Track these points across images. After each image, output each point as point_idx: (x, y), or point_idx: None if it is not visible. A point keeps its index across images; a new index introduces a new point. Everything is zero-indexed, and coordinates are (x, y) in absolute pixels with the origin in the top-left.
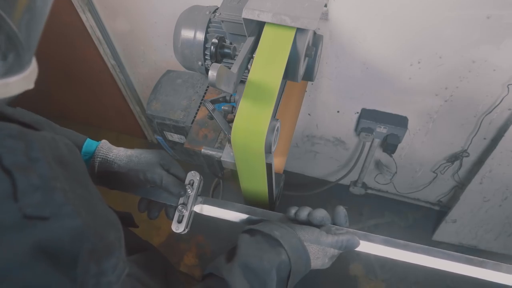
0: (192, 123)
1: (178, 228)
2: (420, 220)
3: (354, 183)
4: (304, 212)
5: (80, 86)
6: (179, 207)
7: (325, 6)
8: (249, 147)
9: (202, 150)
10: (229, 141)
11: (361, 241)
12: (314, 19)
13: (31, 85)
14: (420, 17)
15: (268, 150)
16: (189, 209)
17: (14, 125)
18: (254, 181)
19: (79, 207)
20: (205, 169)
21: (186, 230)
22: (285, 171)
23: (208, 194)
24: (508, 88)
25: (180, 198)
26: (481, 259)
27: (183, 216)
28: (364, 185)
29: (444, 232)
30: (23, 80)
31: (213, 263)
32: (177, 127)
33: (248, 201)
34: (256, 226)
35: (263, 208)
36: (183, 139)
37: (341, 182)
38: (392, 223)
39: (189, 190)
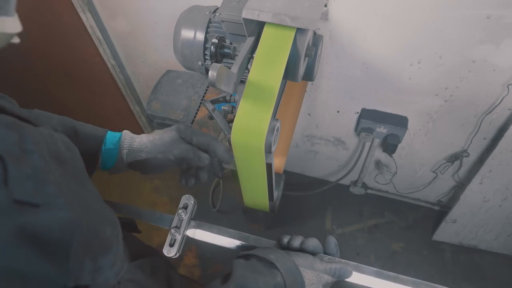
0: (192, 123)
1: (169, 252)
2: (420, 220)
3: (354, 183)
4: (297, 241)
5: (80, 86)
6: (172, 230)
7: (325, 6)
8: (249, 147)
9: None
10: (229, 141)
11: (353, 272)
12: (314, 19)
13: (17, 38)
14: (420, 17)
15: (268, 150)
16: (181, 233)
17: (10, 117)
18: (254, 181)
19: (72, 202)
20: None
21: (178, 254)
22: (285, 171)
23: (208, 194)
24: (508, 88)
25: (173, 221)
26: None
27: (175, 240)
28: (364, 185)
29: (444, 232)
30: (13, 24)
31: (208, 286)
32: None
33: (248, 201)
34: (251, 252)
35: (263, 209)
36: None
37: (341, 182)
38: (392, 223)
39: (182, 214)
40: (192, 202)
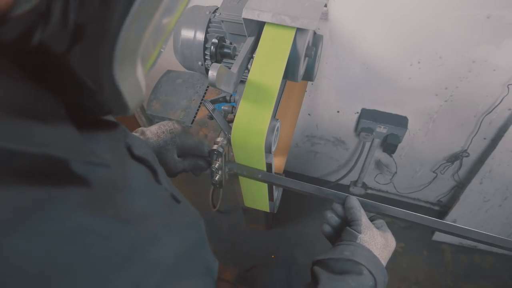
0: (192, 123)
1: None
2: None
3: (354, 183)
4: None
5: None
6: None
7: (325, 6)
8: (249, 147)
9: None
10: (229, 141)
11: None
12: (314, 19)
13: None
14: (420, 17)
15: (268, 150)
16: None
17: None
18: (254, 181)
19: None
20: None
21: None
22: (285, 171)
23: (208, 194)
24: (508, 88)
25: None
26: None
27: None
28: (364, 185)
29: None
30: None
31: None
32: None
33: (248, 201)
34: (324, 256)
35: (263, 209)
36: None
37: (341, 182)
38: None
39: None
40: (225, 142)
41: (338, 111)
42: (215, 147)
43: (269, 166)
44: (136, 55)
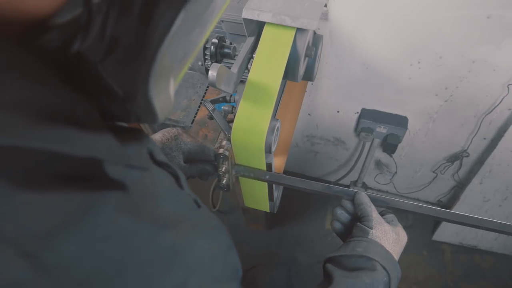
0: (192, 123)
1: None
2: (420, 220)
3: (354, 183)
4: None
5: None
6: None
7: (325, 6)
8: (249, 147)
9: None
10: (229, 141)
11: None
12: (314, 19)
13: None
14: (420, 17)
15: (268, 150)
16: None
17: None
18: (254, 181)
19: None
20: None
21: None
22: (285, 171)
23: (208, 194)
24: (508, 88)
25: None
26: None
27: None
28: (364, 185)
29: (444, 232)
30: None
31: None
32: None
33: (248, 201)
34: (337, 254)
35: (263, 209)
36: None
37: (341, 182)
38: None
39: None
40: (229, 146)
41: (338, 111)
42: (221, 150)
43: (269, 166)
44: (171, 72)
